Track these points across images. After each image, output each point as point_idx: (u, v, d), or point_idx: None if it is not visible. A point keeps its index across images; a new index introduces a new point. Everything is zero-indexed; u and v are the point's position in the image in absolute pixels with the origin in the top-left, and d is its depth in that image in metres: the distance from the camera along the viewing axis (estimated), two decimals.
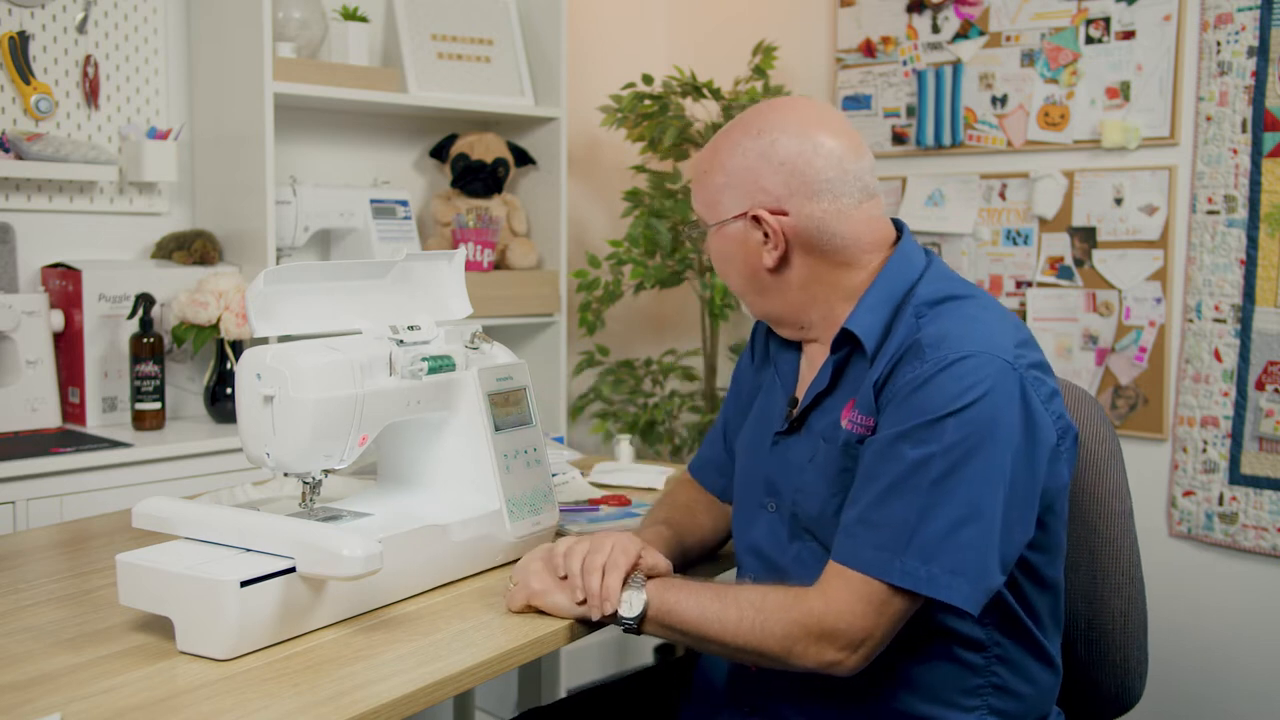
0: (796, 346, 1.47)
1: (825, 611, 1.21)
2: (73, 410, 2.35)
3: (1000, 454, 1.20)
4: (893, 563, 1.19)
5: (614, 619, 1.31)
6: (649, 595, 1.29)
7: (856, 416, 1.30)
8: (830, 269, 1.35)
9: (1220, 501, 2.45)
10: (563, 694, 2.72)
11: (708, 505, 1.63)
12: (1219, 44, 2.43)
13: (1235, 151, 2.41)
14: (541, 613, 1.34)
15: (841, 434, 1.31)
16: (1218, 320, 2.45)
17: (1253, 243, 2.39)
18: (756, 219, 1.34)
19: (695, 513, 1.61)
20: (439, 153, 2.93)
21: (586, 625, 1.35)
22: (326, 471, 1.40)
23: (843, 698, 1.33)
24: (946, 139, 2.83)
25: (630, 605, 1.29)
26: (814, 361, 1.43)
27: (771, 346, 1.51)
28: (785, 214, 1.33)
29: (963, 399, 1.20)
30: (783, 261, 1.35)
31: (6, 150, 2.30)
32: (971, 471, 1.19)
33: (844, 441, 1.31)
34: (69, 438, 2.21)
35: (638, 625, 1.30)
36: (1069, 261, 2.67)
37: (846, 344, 1.34)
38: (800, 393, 1.43)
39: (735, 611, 1.25)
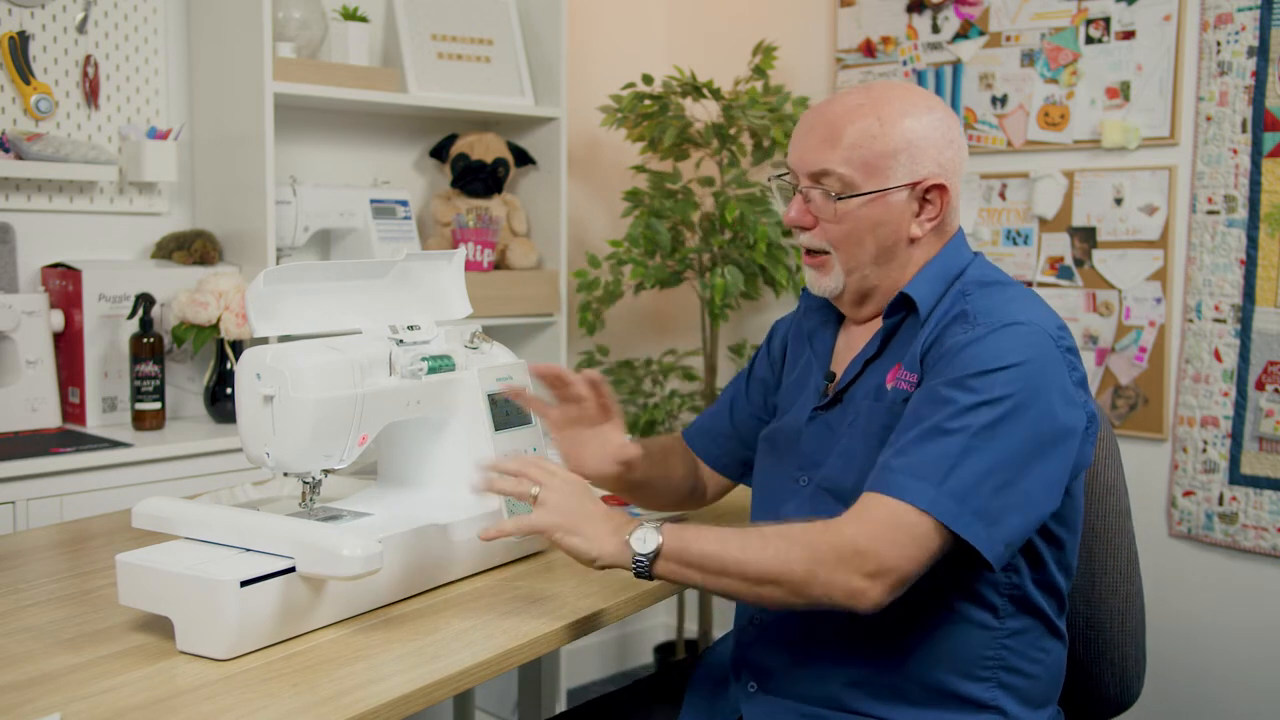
0: (834, 321, 1.49)
1: (857, 533, 1.21)
2: (73, 410, 2.35)
3: (1041, 418, 1.24)
4: (927, 492, 1.21)
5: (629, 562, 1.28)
6: (664, 533, 1.26)
7: (904, 374, 1.33)
8: (937, 245, 1.41)
9: (1220, 501, 2.45)
10: (563, 693, 2.72)
11: (684, 455, 1.66)
12: (1219, 44, 2.43)
13: (1235, 151, 2.41)
14: (543, 598, 1.34)
15: (888, 394, 1.34)
16: (1218, 320, 2.45)
17: (1253, 243, 2.39)
18: (930, 189, 1.37)
19: (671, 453, 1.65)
20: (439, 153, 2.93)
21: (592, 624, 1.35)
22: (326, 471, 1.40)
23: (854, 664, 1.33)
24: None
25: (644, 541, 1.26)
26: (852, 339, 1.46)
27: (806, 327, 1.53)
28: (949, 189, 1.38)
29: (1014, 357, 1.24)
30: (926, 234, 1.39)
31: (6, 150, 2.30)
32: (1014, 427, 1.22)
33: (891, 399, 1.33)
34: (69, 438, 2.21)
35: (649, 563, 1.26)
36: (1069, 261, 2.67)
37: (901, 309, 1.38)
38: (837, 367, 1.45)
39: (758, 540, 1.24)
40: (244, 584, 1.17)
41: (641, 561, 1.26)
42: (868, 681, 1.33)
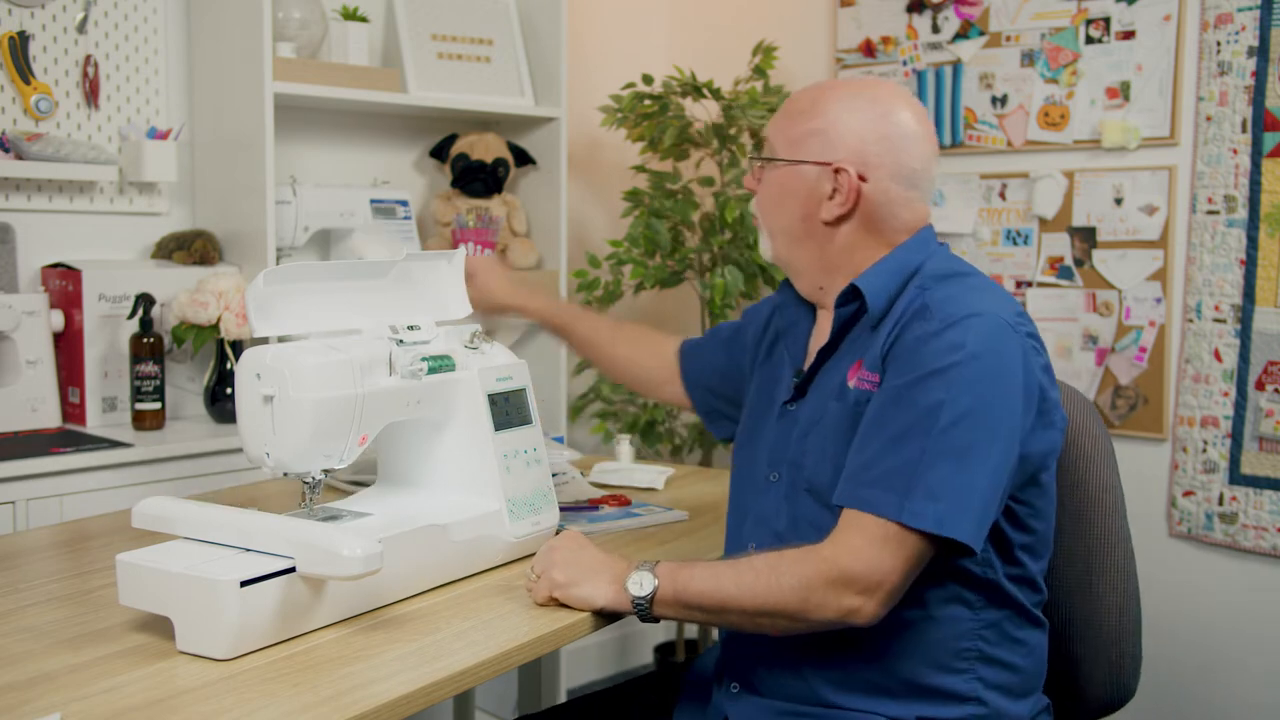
0: (808, 319, 1.51)
1: (839, 556, 1.23)
2: (73, 410, 2.35)
3: (1004, 406, 1.26)
4: (901, 504, 1.22)
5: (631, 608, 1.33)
6: (659, 576, 1.31)
7: (864, 374, 1.34)
8: (872, 244, 1.41)
9: (1220, 501, 2.45)
10: (563, 693, 2.72)
11: (660, 350, 1.79)
12: (1219, 44, 2.43)
13: (1235, 151, 2.41)
14: (564, 606, 1.36)
15: (851, 393, 1.35)
16: (1218, 320, 2.45)
17: (1253, 243, 2.39)
18: (838, 171, 1.38)
19: (643, 342, 1.81)
20: (439, 153, 2.93)
21: (605, 618, 1.36)
22: (326, 471, 1.40)
23: (832, 662, 1.35)
24: (946, 139, 2.83)
25: (640, 585, 1.31)
26: (820, 333, 1.47)
27: (780, 324, 1.54)
28: (865, 180, 1.38)
29: (970, 351, 1.25)
30: (839, 220, 1.40)
31: (6, 150, 2.30)
32: (977, 420, 1.24)
33: (854, 400, 1.34)
34: (69, 438, 2.21)
35: (649, 605, 1.31)
36: (1069, 261, 2.67)
37: (852, 300, 1.39)
38: (808, 364, 1.47)
39: (750, 575, 1.27)
40: (244, 584, 1.17)
41: (640, 604, 1.32)
42: (847, 679, 1.34)
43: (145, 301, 2.32)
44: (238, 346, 2.39)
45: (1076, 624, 1.54)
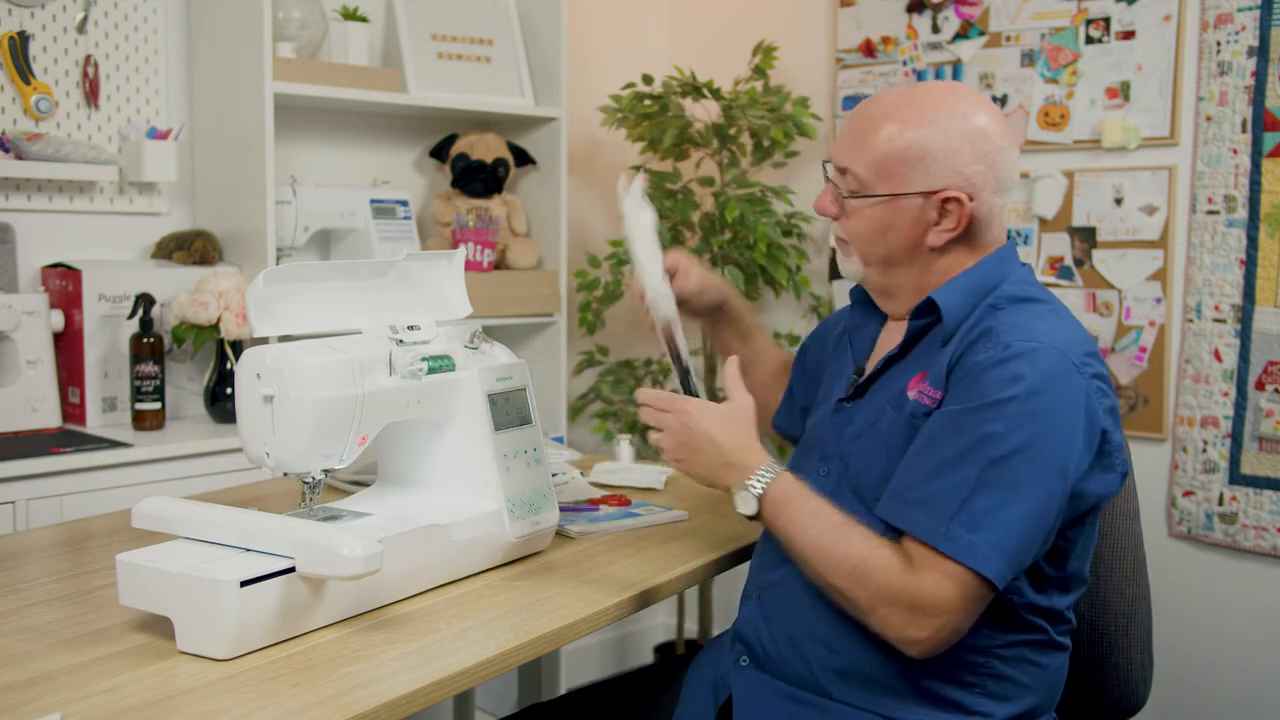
0: (878, 322, 1.51)
1: (919, 587, 1.23)
2: (73, 410, 2.35)
3: (1058, 445, 1.24)
4: (939, 528, 1.23)
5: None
6: (765, 497, 1.33)
7: (926, 388, 1.33)
8: (967, 258, 1.40)
9: (1220, 501, 2.45)
10: (563, 693, 2.72)
11: (778, 364, 1.78)
12: (1219, 44, 2.43)
13: (1235, 151, 2.41)
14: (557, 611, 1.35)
15: (909, 404, 1.34)
16: (1218, 320, 2.45)
17: (1253, 243, 2.39)
18: (948, 200, 1.35)
19: (768, 359, 1.78)
20: (439, 153, 2.94)
21: (592, 624, 1.35)
22: (326, 471, 1.40)
23: (842, 654, 1.34)
24: None
25: (745, 504, 1.33)
26: (889, 337, 1.47)
27: (849, 324, 1.54)
28: (972, 200, 1.36)
29: (1030, 385, 1.24)
30: (948, 244, 1.38)
31: (6, 150, 2.30)
32: (1029, 456, 1.23)
33: (910, 412, 1.34)
34: (69, 438, 2.21)
35: (755, 517, 1.34)
36: (1069, 261, 2.67)
37: (927, 314, 1.37)
38: (870, 364, 1.47)
39: (842, 552, 1.27)
40: (244, 584, 1.17)
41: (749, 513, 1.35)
42: (853, 672, 1.34)
43: (145, 301, 2.32)
44: (238, 346, 2.39)
45: (1083, 629, 1.52)
